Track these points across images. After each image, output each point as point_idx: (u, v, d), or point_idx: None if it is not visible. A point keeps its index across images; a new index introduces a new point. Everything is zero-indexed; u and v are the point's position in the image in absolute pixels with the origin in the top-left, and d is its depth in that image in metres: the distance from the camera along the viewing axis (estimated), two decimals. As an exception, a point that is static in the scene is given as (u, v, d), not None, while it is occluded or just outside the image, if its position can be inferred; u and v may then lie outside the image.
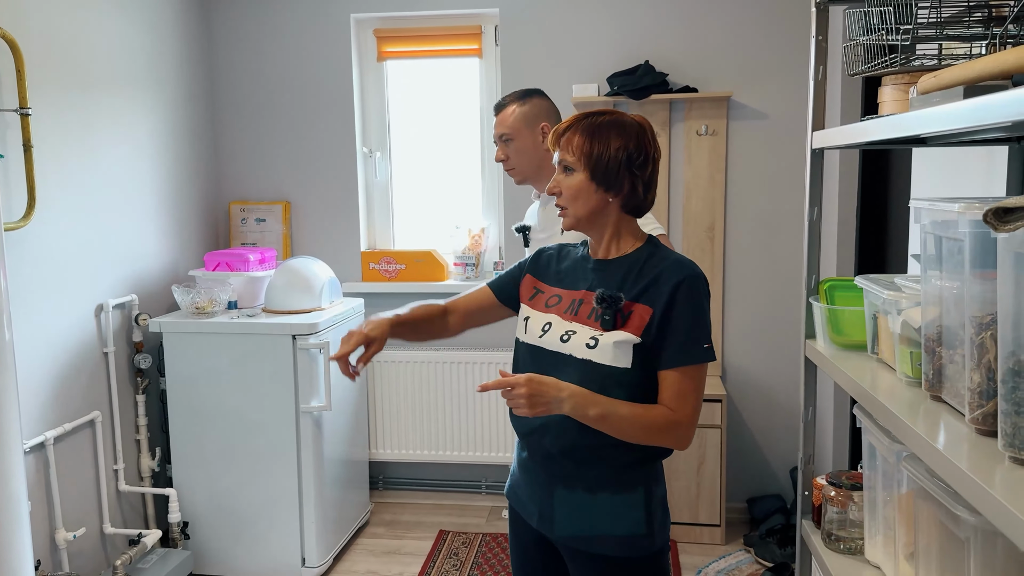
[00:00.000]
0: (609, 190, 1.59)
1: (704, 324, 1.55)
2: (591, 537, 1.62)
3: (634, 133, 1.58)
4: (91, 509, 3.00)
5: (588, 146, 1.57)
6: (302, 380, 3.08)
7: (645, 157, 1.58)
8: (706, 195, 3.56)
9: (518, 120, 2.21)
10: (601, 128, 1.58)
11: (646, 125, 1.62)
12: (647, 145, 1.59)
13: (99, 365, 3.04)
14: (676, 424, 1.53)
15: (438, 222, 3.92)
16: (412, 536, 3.59)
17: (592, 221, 1.62)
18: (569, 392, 1.49)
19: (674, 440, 1.54)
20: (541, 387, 1.48)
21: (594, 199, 1.59)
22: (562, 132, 1.61)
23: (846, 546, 1.72)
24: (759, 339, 3.63)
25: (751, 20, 3.47)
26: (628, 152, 1.57)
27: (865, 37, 1.51)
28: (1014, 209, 0.91)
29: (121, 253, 3.15)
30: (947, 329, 1.24)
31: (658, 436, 1.53)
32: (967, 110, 1.03)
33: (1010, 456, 1.02)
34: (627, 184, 1.58)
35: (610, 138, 1.57)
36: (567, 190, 1.60)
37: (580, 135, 1.58)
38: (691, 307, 1.54)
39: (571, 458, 1.62)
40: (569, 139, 1.59)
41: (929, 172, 2.31)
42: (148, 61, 3.30)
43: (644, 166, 1.59)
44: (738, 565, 3.27)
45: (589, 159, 1.57)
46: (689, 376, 1.54)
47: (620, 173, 1.57)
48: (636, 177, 1.58)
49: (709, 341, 1.55)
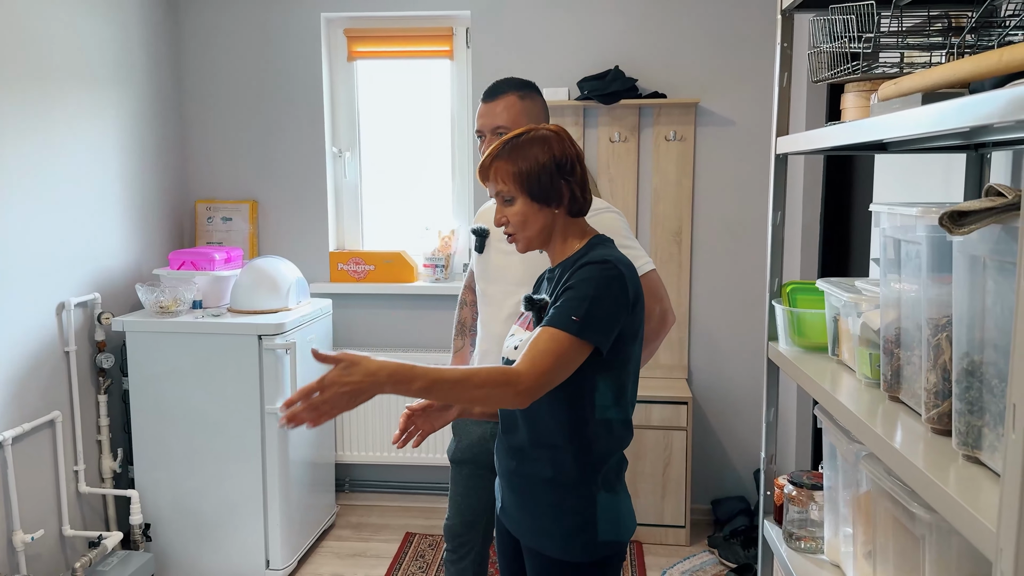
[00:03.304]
0: (550, 204, 1.60)
1: (582, 302, 1.50)
2: (533, 534, 1.66)
3: (554, 141, 1.60)
4: (50, 510, 2.94)
5: (516, 168, 1.58)
6: (268, 381, 3.06)
7: (571, 160, 1.61)
8: (674, 200, 3.60)
9: (519, 115, 2.03)
10: (521, 147, 1.59)
11: (562, 131, 1.64)
12: (569, 148, 1.61)
13: (60, 364, 2.99)
14: (516, 376, 1.44)
15: (408, 223, 3.91)
16: (378, 538, 3.57)
17: (544, 238, 1.65)
18: (388, 372, 1.36)
19: (512, 395, 1.44)
20: (348, 373, 1.35)
21: (541, 217, 1.61)
22: (488, 166, 1.62)
23: (807, 545, 1.74)
24: (725, 343, 3.67)
25: (719, 27, 3.51)
26: (555, 160, 1.59)
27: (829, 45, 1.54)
28: (969, 213, 0.94)
29: (84, 251, 3.10)
30: (905, 331, 1.27)
31: (498, 392, 1.43)
32: (925, 116, 1.06)
33: (964, 454, 1.05)
34: (565, 191, 1.60)
35: (534, 153, 1.58)
36: (513, 218, 1.62)
37: (505, 161, 1.60)
38: (580, 282, 1.53)
39: (518, 455, 1.67)
40: (496, 170, 1.61)
41: (891, 179, 2.35)
42: (115, 57, 3.26)
43: (572, 169, 1.61)
44: (702, 566, 3.30)
45: (522, 181, 1.58)
46: (549, 337, 1.49)
47: (555, 183, 1.59)
48: (569, 182, 1.60)
49: (581, 317, 1.48)
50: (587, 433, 1.60)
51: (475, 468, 2.19)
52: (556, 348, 1.47)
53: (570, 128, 3.56)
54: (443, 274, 3.78)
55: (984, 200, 0.94)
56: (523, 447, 1.66)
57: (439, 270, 3.78)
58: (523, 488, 1.68)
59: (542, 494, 1.64)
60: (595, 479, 1.62)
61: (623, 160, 3.58)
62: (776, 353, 1.79)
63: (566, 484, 1.61)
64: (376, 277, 3.78)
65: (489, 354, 2.10)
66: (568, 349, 1.48)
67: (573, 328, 1.48)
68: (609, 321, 1.52)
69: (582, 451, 1.60)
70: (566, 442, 1.60)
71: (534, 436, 1.63)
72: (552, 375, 1.47)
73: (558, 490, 1.62)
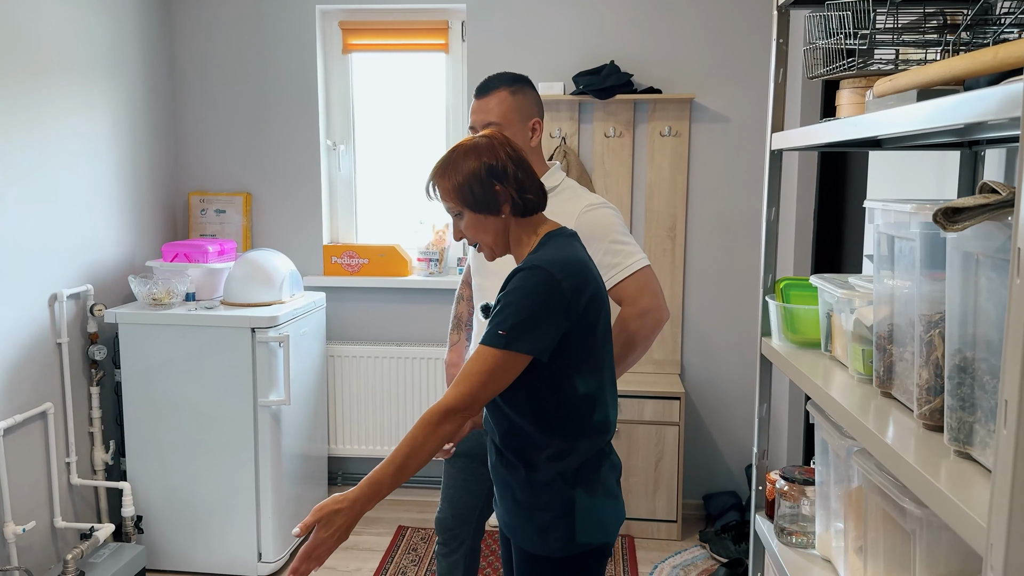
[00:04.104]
0: (492, 211, 1.61)
1: (512, 312, 1.51)
2: (512, 528, 1.69)
3: (483, 149, 1.61)
4: (42, 502, 2.93)
5: (450, 184, 1.61)
6: (261, 374, 3.05)
7: (504, 164, 1.61)
8: (668, 196, 3.60)
9: (510, 111, 2.01)
10: (450, 164, 1.62)
11: (496, 136, 1.65)
12: (500, 153, 1.61)
13: (52, 356, 2.98)
14: (446, 409, 1.50)
15: (402, 217, 3.91)
16: (370, 532, 3.57)
17: (504, 242, 1.67)
18: (360, 501, 1.48)
19: (455, 425, 1.51)
20: (329, 526, 1.47)
21: (489, 224, 1.63)
22: (431, 188, 1.65)
23: (798, 540, 1.75)
24: (718, 338, 3.68)
25: (715, 23, 3.51)
26: (487, 167, 1.59)
27: (825, 41, 1.54)
28: (963, 209, 0.94)
29: (76, 242, 3.09)
30: (898, 327, 1.27)
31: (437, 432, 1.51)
32: (920, 113, 1.06)
33: (955, 450, 1.05)
34: (503, 195, 1.61)
35: (462, 166, 1.60)
36: (468, 231, 1.65)
37: (440, 179, 1.62)
38: (508, 292, 1.54)
39: (496, 452, 1.70)
40: (436, 188, 1.64)
41: (885, 177, 2.36)
42: (107, 48, 3.24)
43: (506, 172, 1.60)
44: (693, 561, 3.31)
45: (459, 194, 1.61)
46: (477, 356, 1.52)
47: (491, 190, 1.60)
48: (506, 185, 1.60)
49: (507, 330, 1.50)
50: (553, 432, 1.60)
51: (468, 462, 2.20)
52: (483, 368, 1.51)
53: (565, 123, 3.56)
54: (437, 268, 3.78)
55: (978, 197, 0.94)
56: (497, 445, 1.69)
57: (433, 264, 3.77)
58: (502, 483, 1.70)
59: (518, 490, 1.66)
60: (569, 478, 1.62)
61: (618, 155, 3.58)
62: (769, 349, 1.80)
63: (539, 482, 1.63)
64: (370, 271, 3.78)
65: None
66: (496, 365, 1.51)
67: (500, 343, 1.50)
68: (541, 327, 1.51)
69: (551, 450, 1.61)
70: (533, 442, 1.61)
71: (504, 436, 1.65)
72: (481, 393, 1.51)
73: (533, 487, 1.64)
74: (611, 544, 1.69)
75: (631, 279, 1.94)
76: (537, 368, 1.55)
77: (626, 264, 1.95)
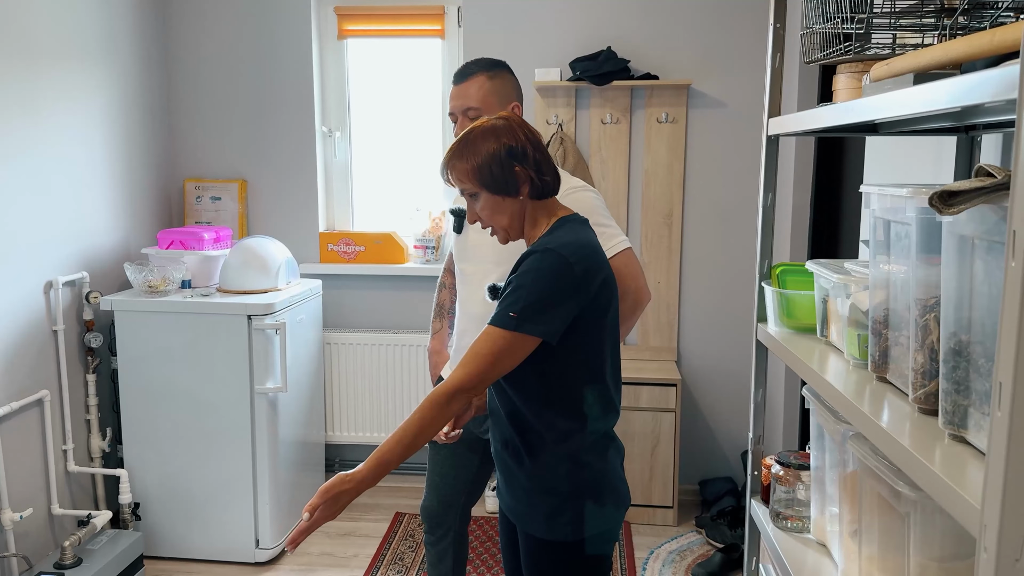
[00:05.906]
0: (511, 192, 1.61)
1: (523, 293, 1.51)
2: (518, 515, 1.69)
3: (502, 130, 1.60)
4: (39, 489, 2.94)
5: (469, 165, 1.59)
6: (257, 361, 3.05)
7: (523, 146, 1.60)
8: (665, 182, 3.59)
9: (489, 95, 2.02)
10: (472, 143, 1.60)
11: (513, 118, 1.64)
12: (519, 134, 1.61)
13: (48, 343, 2.97)
14: (452, 389, 1.51)
15: (398, 204, 3.90)
16: (368, 518, 3.58)
17: (519, 225, 1.66)
18: (359, 479, 1.49)
19: (459, 403, 1.53)
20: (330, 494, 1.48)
21: (507, 207, 1.62)
22: (446, 168, 1.64)
23: (793, 524, 1.76)
24: (715, 324, 3.69)
25: (712, 9, 3.50)
26: (507, 148, 1.58)
27: (822, 25, 1.54)
28: (959, 193, 0.94)
29: (71, 229, 3.08)
30: (893, 312, 1.27)
31: (445, 411, 1.52)
32: (917, 96, 1.05)
33: (950, 433, 1.06)
34: (522, 177, 1.60)
35: (481, 147, 1.59)
36: (483, 213, 1.64)
37: (458, 160, 1.61)
38: (521, 274, 1.54)
39: (500, 437, 1.70)
40: (453, 169, 1.62)
41: (881, 163, 2.36)
42: (101, 34, 3.22)
43: (526, 154, 1.60)
44: (689, 546, 3.33)
45: (478, 176, 1.59)
46: (486, 337, 1.53)
47: (510, 171, 1.59)
48: (527, 167, 1.60)
49: (518, 312, 1.50)
50: (561, 414, 1.61)
51: (452, 448, 2.20)
52: (492, 348, 1.51)
53: (561, 109, 3.55)
54: (433, 255, 3.77)
55: (974, 180, 0.94)
56: (502, 430, 1.68)
57: (429, 251, 3.77)
58: (507, 470, 1.70)
59: (524, 476, 1.66)
60: (576, 461, 1.63)
61: (615, 141, 3.57)
62: (765, 334, 1.80)
63: (546, 466, 1.63)
64: (366, 258, 3.77)
65: (467, 334, 2.10)
66: (505, 347, 1.51)
67: (511, 324, 1.50)
68: (552, 310, 1.52)
69: (556, 432, 1.61)
70: (539, 424, 1.61)
71: (509, 419, 1.65)
72: (489, 374, 1.52)
73: (539, 471, 1.64)
74: (619, 527, 1.70)
75: (613, 260, 1.94)
76: (545, 351, 1.55)
77: (608, 246, 1.94)
